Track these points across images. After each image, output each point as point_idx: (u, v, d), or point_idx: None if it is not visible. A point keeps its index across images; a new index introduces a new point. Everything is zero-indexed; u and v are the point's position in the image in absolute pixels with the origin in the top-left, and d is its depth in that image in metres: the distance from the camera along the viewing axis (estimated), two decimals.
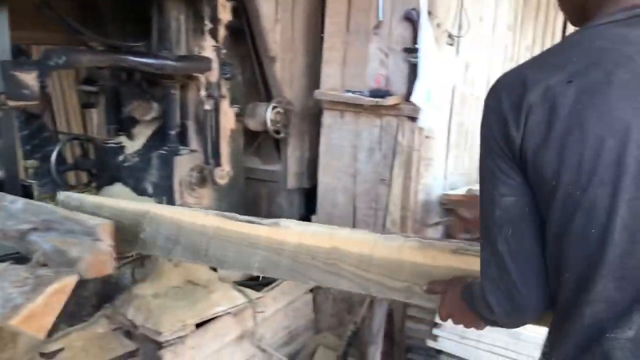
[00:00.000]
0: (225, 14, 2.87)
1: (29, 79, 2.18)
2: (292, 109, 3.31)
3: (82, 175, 3.75)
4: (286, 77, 3.31)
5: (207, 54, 2.79)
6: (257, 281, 3.19)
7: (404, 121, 2.93)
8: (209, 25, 2.76)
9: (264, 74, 3.32)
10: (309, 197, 3.54)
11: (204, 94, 2.79)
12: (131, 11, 3.05)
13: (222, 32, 2.88)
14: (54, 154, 3.05)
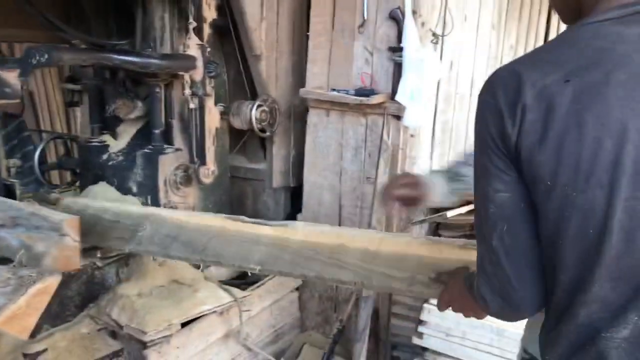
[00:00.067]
0: (210, 12, 2.86)
1: (11, 77, 2.15)
2: (277, 107, 3.31)
3: (66, 174, 3.73)
4: (271, 75, 3.31)
5: (192, 52, 2.78)
6: (242, 280, 3.19)
7: (389, 120, 2.94)
8: (193, 23, 2.74)
9: (249, 72, 3.31)
10: (295, 195, 3.54)
11: (188, 92, 2.77)
12: (115, 9, 3.03)
13: (206, 30, 2.87)
14: (37, 153, 3.03)
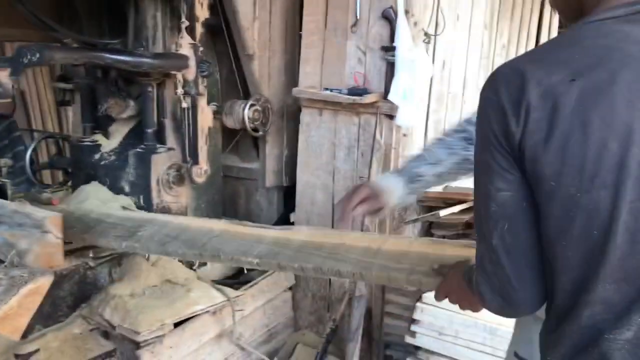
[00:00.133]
0: (202, 11, 2.86)
1: (2, 76, 2.14)
2: (270, 106, 3.30)
3: (58, 174, 3.71)
4: (264, 74, 3.30)
5: (184, 51, 2.77)
6: (235, 280, 3.19)
7: (382, 119, 2.95)
8: (186, 22, 2.73)
9: (242, 71, 3.31)
10: (288, 195, 3.54)
11: (181, 91, 2.76)
12: (107, 8, 3.02)
13: (199, 29, 2.86)
14: (28, 153, 3.01)
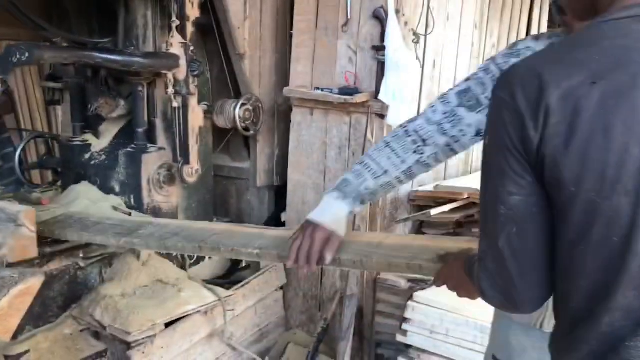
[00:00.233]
0: (193, 11, 2.85)
1: None
2: (261, 106, 3.30)
3: (47, 173, 3.69)
4: (255, 74, 3.30)
5: (175, 51, 2.76)
6: (226, 280, 3.19)
7: (373, 118, 2.95)
8: (176, 21, 2.73)
9: (233, 71, 3.30)
10: (279, 194, 3.54)
11: (171, 91, 2.76)
12: (97, 7, 3.01)
13: (190, 28, 2.85)
14: (18, 152, 2.99)
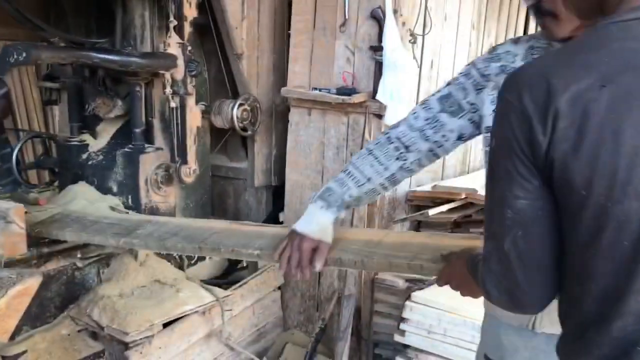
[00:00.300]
0: (190, 11, 2.84)
1: None
2: (258, 106, 3.30)
3: (44, 173, 3.68)
4: (253, 74, 3.30)
5: (173, 51, 2.76)
6: (224, 280, 3.18)
7: (371, 119, 2.96)
8: (174, 21, 2.72)
9: (230, 71, 3.30)
10: (277, 194, 3.54)
11: (169, 91, 2.75)
12: (95, 7, 3.00)
13: (187, 28, 2.85)
14: (15, 153, 2.99)
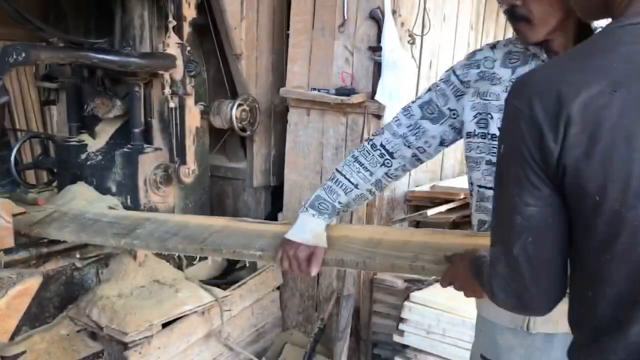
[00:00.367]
0: (189, 11, 2.84)
1: None
2: (257, 106, 3.30)
3: (43, 174, 3.68)
4: (252, 74, 3.30)
5: (172, 51, 2.76)
6: (223, 280, 3.18)
7: (370, 119, 2.96)
8: (173, 22, 2.72)
9: (229, 71, 3.30)
10: (276, 194, 3.54)
11: (168, 91, 2.76)
12: (94, 7, 3.00)
13: (186, 29, 2.85)
14: (13, 153, 2.98)
